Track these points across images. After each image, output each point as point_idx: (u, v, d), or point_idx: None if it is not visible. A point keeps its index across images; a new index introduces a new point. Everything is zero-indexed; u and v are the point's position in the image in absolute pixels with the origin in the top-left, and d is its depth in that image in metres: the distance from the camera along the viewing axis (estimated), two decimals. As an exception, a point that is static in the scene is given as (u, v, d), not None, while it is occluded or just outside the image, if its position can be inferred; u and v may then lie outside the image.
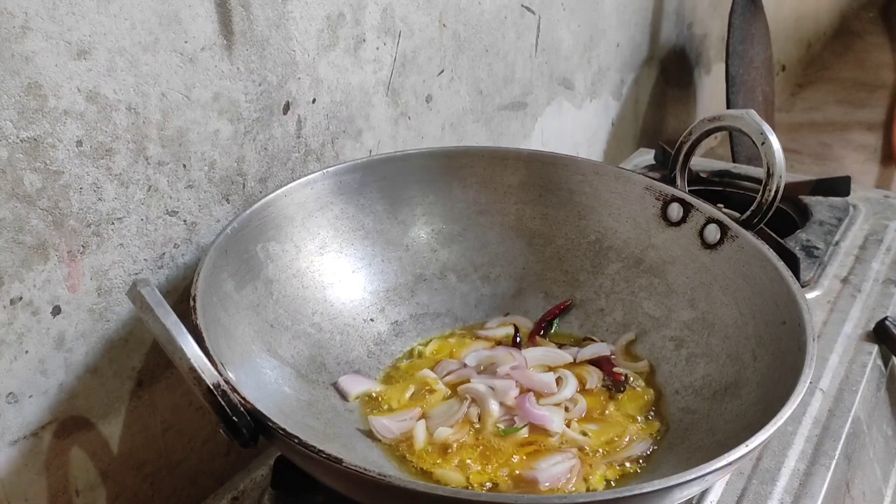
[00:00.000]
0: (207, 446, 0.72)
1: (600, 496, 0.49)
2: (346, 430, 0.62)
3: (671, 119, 1.63)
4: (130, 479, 0.66)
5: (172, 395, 0.67)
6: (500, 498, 0.53)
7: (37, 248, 0.54)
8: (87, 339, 0.60)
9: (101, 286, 0.59)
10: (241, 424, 0.49)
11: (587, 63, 1.23)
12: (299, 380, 0.63)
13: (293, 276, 0.67)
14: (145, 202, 0.61)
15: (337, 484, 0.49)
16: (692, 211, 0.72)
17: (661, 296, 0.72)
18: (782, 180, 0.67)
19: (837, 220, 1.01)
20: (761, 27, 1.61)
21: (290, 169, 0.73)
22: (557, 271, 0.77)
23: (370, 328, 0.71)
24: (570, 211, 0.77)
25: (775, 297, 0.63)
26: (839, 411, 0.72)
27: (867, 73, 2.56)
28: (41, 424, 0.58)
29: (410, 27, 0.84)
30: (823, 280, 0.91)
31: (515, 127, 1.07)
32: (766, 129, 0.67)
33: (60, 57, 0.53)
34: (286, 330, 0.65)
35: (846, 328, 0.83)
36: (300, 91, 0.72)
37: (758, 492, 0.63)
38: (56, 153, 0.54)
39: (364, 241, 0.73)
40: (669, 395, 0.67)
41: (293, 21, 0.69)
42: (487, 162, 0.77)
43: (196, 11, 0.61)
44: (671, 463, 0.60)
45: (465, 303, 0.76)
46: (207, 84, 0.63)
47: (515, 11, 1.00)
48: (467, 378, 0.68)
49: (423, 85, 0.88)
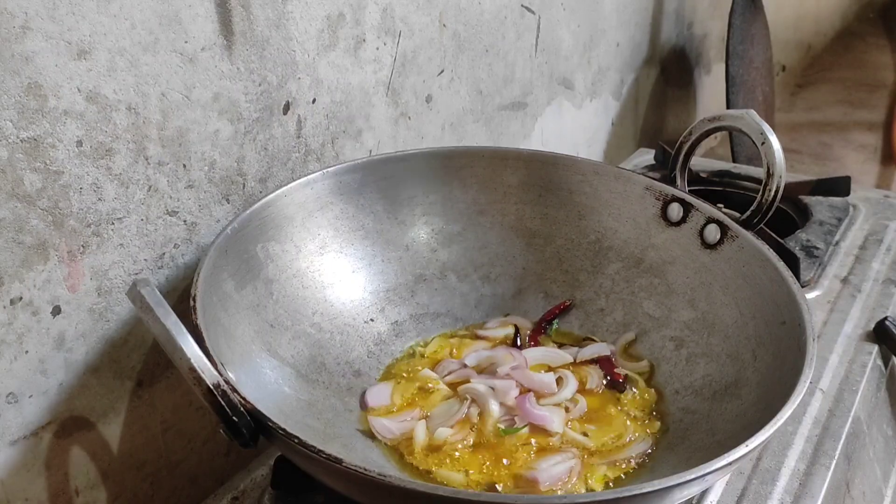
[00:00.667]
0: (207, 446, 0.72)
1: (600, 496, 0.49)
2: (346, 430, 0.62)
3: (671, 119, 1.63)
4: (130, 479, 0.66)
5: (172, 395, 0.67)
6: (500, 498, 0.53)
7: (37, 248, 0.54)
8: (88, 339, 0.60)
9: (102, 286, 0.59)
10: (241, 424, 0.49)
11: (587, 63, 1.23)
12: (299, 380, 0.63)
13: (293, 276, 0.67)
14: (145, 202, 0.61)
15: (337, 484, 0.49)
16: (692, 211, 0.72)
17: (661, 296, 0.72)
18: (782, 180, 0.67)
19: (837, 220, 1.01)
20: (761, 27, 1.61)
21: (290, 169, 0.73)
22: (557, 271, 0.77)
23: (370, 328, 0.71)
24: (570, 211, 0.77)
25: (775, 297, 0.63)
26: (839, 411, 0.72)
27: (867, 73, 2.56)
28: (41, 424, 0.58)
29: (410, 27, 0.84)
30: (823, 280, 0.91)
31: (515, 127, 1.07)
32: (766, 129, 0.67)
33: (60, 57, 0.53)
34: (286, 330, 0.65)
35: (846, 328, 0.83)
36: (300, 91, 0.72)
37: (758, 492, 0.63)
38: (56, 153, 0.54)
39: (364, 241, 0.73)
40: (669, 395, 0.67)
41: (293, 21, 0.69)
42: (487, 162, 0.77)
43: (196, 11, 0.61)
44: (671, 463, 0.60)
45: (465, 303, 0.76)
46: (207, 84, 0.63)
47: (515, 11, 1.01)
48: (467, 378, 0.68)
49: (423, 85, 0.88)
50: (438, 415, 0.65)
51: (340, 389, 0.66)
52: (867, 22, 3.05)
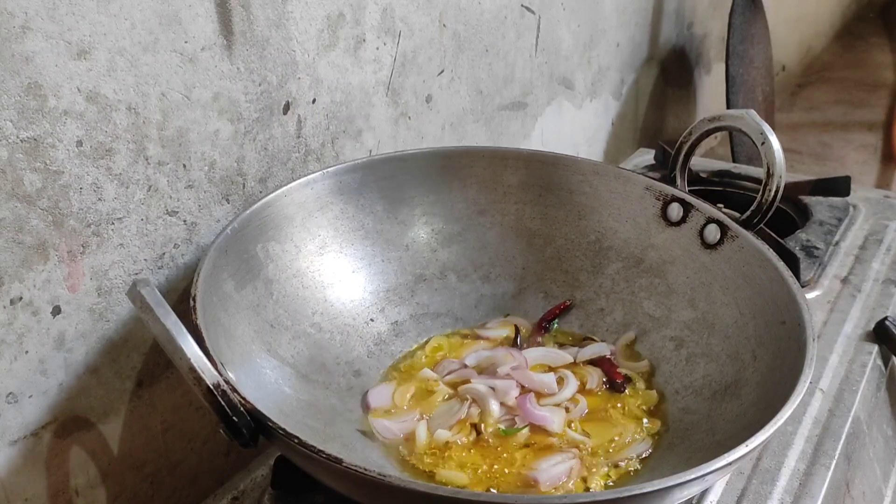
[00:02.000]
0: (207, 446, 0.72)
1: (600, 496, 0.49)
2: (346, 430, 0.62)
3: (671, 119, 1.63)
4: (130, 479, 0.66)
5: (172, 394, 0.67)
6: (500, 498, 0.53)
7: (37, 248, 0.54)
8: (88, 339, 0.60)
9: (101, 286, 0.59)
10: (241, 424, 0.49)
11: (587, 63, 1.23)
12: (299, 380, 0.63)
13: (293, 276, 0.67)
14: (145, 202, 0.61)
15: (337, 484, 0.49)
16: (692, 211, 0.72)
17: (661, 296, 0.72)
18: (782, 180, 0.67)
19: (837, 219, 1.01)
20: (761, 27, 1.61)
21: (290, 169, 0.73)
22: (557, 271, 0.77)
23: (370, 328, 0.71)
24: (570, 211, 0.77)
25: (775, 297, 0.63)
26: (839, 411, 0.72)
27: (867, 72, 2.56)
28: (41, 424, 0.58)
29: (410, 27, 0.84)
30: (823, 280, 0.91)
31: (515, 127, 1.07)
32: (766, 128, 0.67)
33: (60, 57, 0.53)
34: (286, 330, 0.65)
35: (846, 328, 0.83)
36: (300, 91, 0.72)
37: (758, 492, 0.63)
38: (56, 153, 0.54)
39: (364, 241, 0.73)
40: (669, 395, 0.67)
41: (293, 21, 0.69)
42: (487, 162, 0.77)
43: (196, 11, 0.61)
44: (671, 463, 0.60)
45: (464, 303, 0.76)
46: (207, 84, 0.63)
47: (515, 11, 1.00)
48: (467, 378, 0.68)
49: (423, 85, 0.88)
50: (439, 415, 0.65)
51: (340, 389, 0.66)
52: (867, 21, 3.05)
